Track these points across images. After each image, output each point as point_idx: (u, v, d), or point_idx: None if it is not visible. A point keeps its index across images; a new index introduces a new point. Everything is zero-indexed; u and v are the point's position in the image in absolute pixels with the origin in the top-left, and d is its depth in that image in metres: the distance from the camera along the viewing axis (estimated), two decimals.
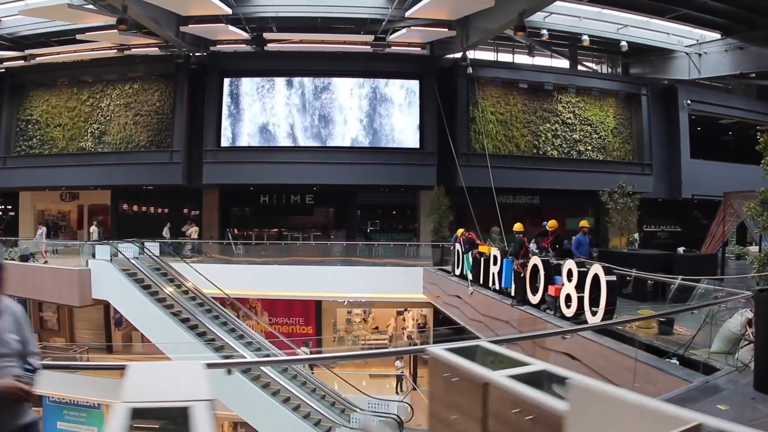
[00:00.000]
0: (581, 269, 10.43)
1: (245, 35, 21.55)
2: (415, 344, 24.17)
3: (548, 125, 26.29)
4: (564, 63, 27.60)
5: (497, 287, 14.33)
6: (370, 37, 22.23)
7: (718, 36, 21.73)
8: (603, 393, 2.62)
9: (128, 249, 19.37)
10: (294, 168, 23.74)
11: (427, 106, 24.74)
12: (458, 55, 24.35)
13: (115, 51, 22.01)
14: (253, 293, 22.98)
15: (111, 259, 18.66)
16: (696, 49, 22.83)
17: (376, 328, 25.64)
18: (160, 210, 26.74)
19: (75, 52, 22.59)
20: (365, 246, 25.04)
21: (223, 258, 23.12)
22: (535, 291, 12.09)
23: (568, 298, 10.57)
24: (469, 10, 19.44)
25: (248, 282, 21.55)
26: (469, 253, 16.54)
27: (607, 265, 10.28)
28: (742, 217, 16.92)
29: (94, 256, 18.94)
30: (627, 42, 23.34)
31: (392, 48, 23.28)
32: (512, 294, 13.20)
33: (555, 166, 25.90)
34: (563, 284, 10.82)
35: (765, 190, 9.61)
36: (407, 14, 19.34)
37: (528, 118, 26.13)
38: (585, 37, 22.64)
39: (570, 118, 26.51)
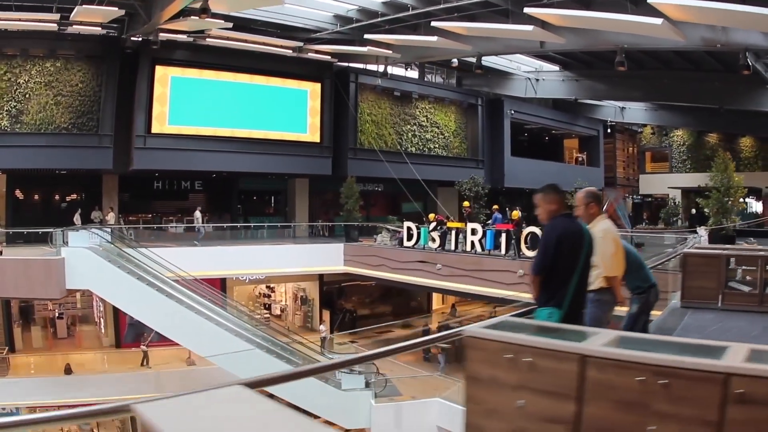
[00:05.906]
0: None
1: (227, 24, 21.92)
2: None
3: (408, 126, 31.49)
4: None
5: (478, 250, 19.60)
6: (295, 43, 24.76)
7: (557, 68, 28.86)
8: None
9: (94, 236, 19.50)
10: (220, 156, 25.23)
11: (326, 106, 28.13)
12: (348, 64, 28.64)
13: (55, 25, 20.69)
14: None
15: (89, 246, 18.73)
16: (535, 75, 29.76)
17: None
18: (64, 196, 25.41)
19: (7, 20, 20.22)
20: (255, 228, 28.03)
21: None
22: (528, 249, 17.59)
23: None
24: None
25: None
26: (428, 229, 21.42)
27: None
28: (615, 204, 24.19)
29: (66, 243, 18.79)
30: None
31: (307, 54, 26.15)
32: (503, 252, 18.70)
33: (413, 161, 30.84)
34: None
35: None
36: (366, 36, 22.66)
37: (394, 120, 31.06)
38: (454, 61, 27.38)
39: (424, 121, 32.05)
